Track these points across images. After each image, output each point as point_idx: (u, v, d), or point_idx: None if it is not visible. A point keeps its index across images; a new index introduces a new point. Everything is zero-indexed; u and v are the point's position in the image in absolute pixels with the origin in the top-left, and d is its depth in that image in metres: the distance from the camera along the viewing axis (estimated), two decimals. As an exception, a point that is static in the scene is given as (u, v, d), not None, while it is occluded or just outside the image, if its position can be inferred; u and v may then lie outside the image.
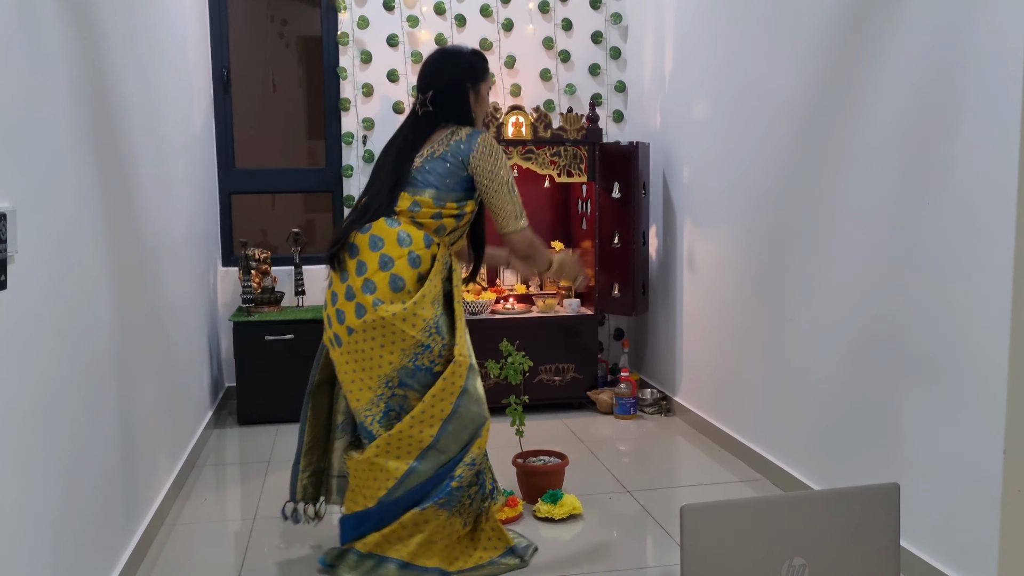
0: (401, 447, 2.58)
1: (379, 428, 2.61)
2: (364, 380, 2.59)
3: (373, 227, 2.60)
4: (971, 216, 2.38)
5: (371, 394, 2.60)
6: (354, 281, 2.58)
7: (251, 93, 5.15)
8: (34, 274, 1.97)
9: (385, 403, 2.61)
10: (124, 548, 2.66)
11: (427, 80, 2.74)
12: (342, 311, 2.59)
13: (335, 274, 2.64)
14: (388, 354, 2.56)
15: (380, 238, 2.59)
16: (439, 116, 2.72)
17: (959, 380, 2.44)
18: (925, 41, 2.55)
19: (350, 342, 2.57)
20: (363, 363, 2.58)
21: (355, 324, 2.55)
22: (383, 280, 2.56)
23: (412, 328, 2.54)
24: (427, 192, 2.62)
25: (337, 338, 2.61)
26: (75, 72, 2.33)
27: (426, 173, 2.63)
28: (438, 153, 2.65)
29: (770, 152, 3.46)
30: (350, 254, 2.62)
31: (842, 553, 1.37)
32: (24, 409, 1.90)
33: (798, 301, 3.27)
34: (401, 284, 2.57)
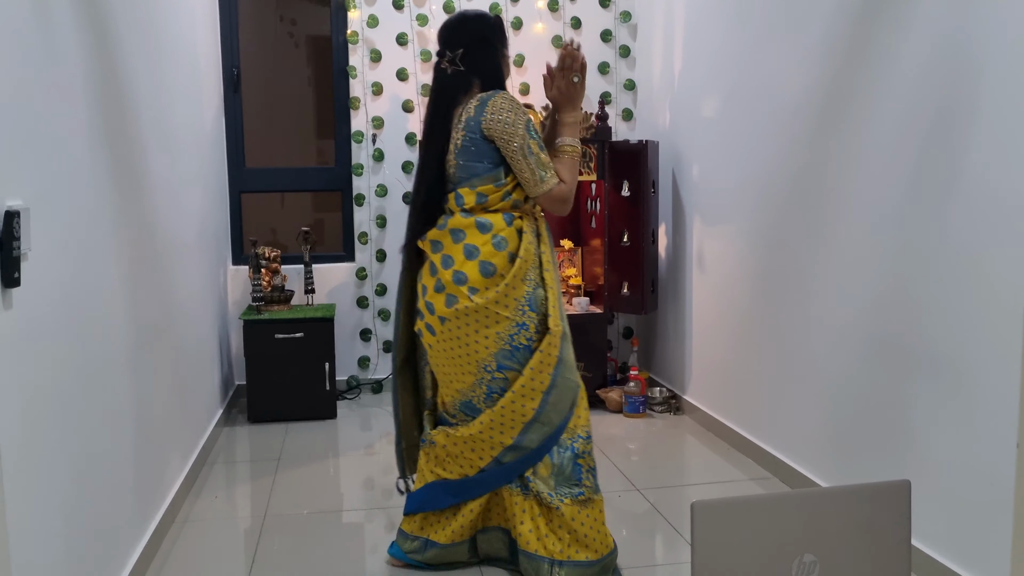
0: (505, 423, 2.58)
1: (484, 406, 2.62)
2: (462, 366, 2.61)
3: (449, 222, 2.60)
4: (981, 213, 2.37)
5: (472, 379, 2.61)
6: (443, 275, 2.58)
7: (261, 93, 5.16)
8: (47, 272, 1.98)
9: (487, 386, 2.61)
10: (136, 545, 2.68)
11: (455, 37, 2.66)
12: (431, 303, 2.60)
13: (424, 268, 2.67)
14: (483, 339, 2.56)
15: (460, 230, 2.59)
16: (470, 76, 2.63)
17: (970, 377, 2.43)
18: (934, 39, 2.54)
19: (444, 331, 2.59)
20: (459, 350, 2.59)
21: (447, 313, 2.57)
22: (473, 269, 2.56)
23: (506, 310, 2.55)
24: (481, 182, 2.58)
25: (430, 328, 2.63)
26: (88, 72, 2.34)
27: (464, 167, 2.59)
28: (460, 144, 2.59)
29: (779, 150, 3.45)
30: (433, 249, 2.63)
31: (853, 550, 1.37)
32: (37, 406, 1.92)
33: (807, 299, 3.26)
34: (492, 269, 2.56)
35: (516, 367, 2.58)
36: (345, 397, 4.78)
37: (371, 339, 4.90)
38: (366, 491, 3.55)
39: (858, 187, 2.93)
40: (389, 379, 2.87)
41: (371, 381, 4.90)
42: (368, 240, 4.83)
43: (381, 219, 4.82)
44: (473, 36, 2.65)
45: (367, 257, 4.85)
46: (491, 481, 2.64)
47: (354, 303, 4.87)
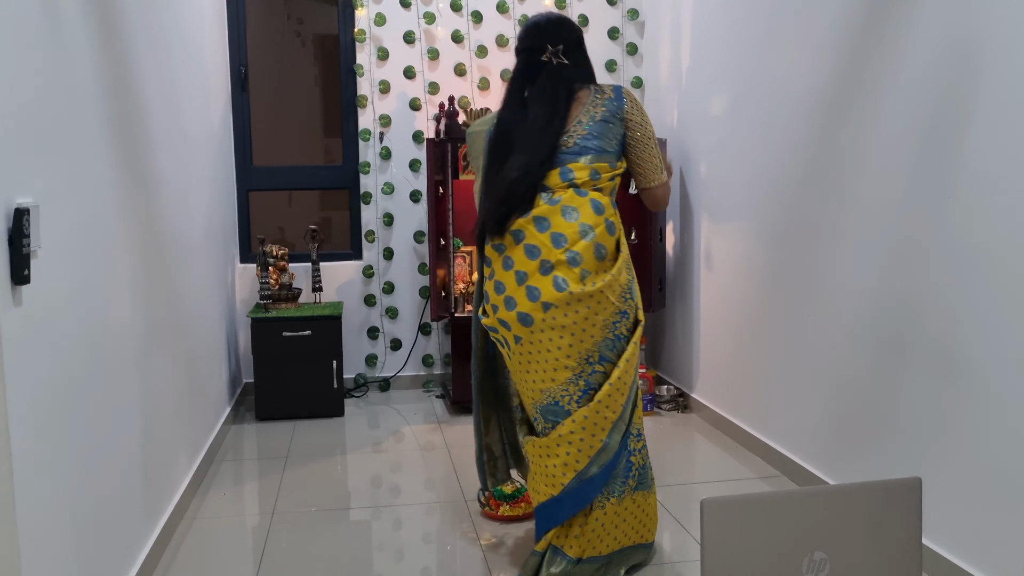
0: (598, 422, 2.47)
1: (576, 406, 2.49)
2: (561, 360, 2.47)
3: (564, 198, 2.49)
4: (989, 209, 2.36)
5: (569, 373, 2.48)
6: (551, 254, 2.44)
7: (268, 91, 5.17)
8: (56, 269, 1.98)
9: (584, 381, 2.49)
10: (144, 541, 2.68)
11: (555, 34, 2.64)
12: (535, 288, 2.44)
13: (513, 253, 2.50)
14: (591, 327, 2.45)
15: (574, 208, 2.48)
16: (573, 69, 2.62)
17: (980, 374, 2.42)
18: (941, 36, 2.53)
19: (546, 319, 2.44)
20: (559, 341, 2.45)
21: (555, 298, 2.42)
22: (587, 250, 2.46)
23: (614, 295, 2.47)
24: (603, 158, 2.53)
25: (524, 318, 2.46)
26: (97, 71, 2.35)
27: (594, 139, 2.53)
28: (599, 116, 2.55)
29: (787, 148, 3.44)
30: (538, 227, 2.47)
31: (864, 548, 1.36)
32: (46, 402, 1.92)
33: (815, 297, 3.25)
34: (604, 252, 2.50)
35: (613, 359, 2.51)
36: (352, 395, 4.79)
37: (379, 337, 4.90)
38: (374, 489, 3.55)
39: (866, 184, 2.92)
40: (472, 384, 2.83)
41: (378, 379, 4.90)
42: (375, 238, 4.83)
43: (388, 217, 4.82)
44: (571, 36, 2.67)
45: (374, 255, 4.86)
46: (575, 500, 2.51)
47: (361, 301, 4.87)
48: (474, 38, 4.80)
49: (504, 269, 2.52)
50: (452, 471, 3.63)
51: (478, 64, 4.82)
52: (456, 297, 4.44)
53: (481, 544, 2.94)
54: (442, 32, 4.78)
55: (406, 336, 4.93)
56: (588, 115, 2.56)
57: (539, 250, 2.46)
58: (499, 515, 3.09)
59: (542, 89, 2.60)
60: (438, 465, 3.73)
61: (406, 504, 3.36)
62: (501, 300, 2.52)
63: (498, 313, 2.53)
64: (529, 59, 2.65)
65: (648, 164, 2.62)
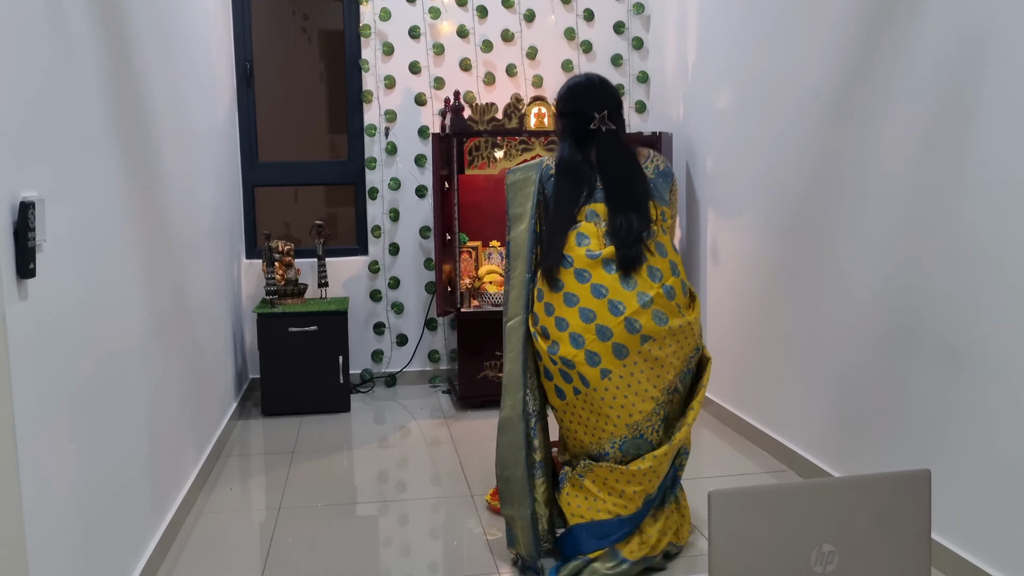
0: (674, 453, 2.61)
1: (657, 436, 2.59)
2: (649, 391, 2.53)
3: (656, 234, 2.61)
4: (997, 203, 2.35)
5: (653, 404, 2.55)
6: (649, 288, 2.51)
7: (274, 87, 5.17)
8: (62, 263, 1.98)
9: (664, 411, 2.60)
10: (151, 536, 2.69)
11: (599, 101, 2.70)
12: (633, 321, 2.48)
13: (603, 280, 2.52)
14: (676, 360, 2.56)
15: (662, 244, 2.61)
16: (621, 133, 2.72)
17: (988, 368, 2.41)
18: (949, 29, 2.52)
19: (643, 351, 2.49)
20: (649, 372, 2.51)
21: (655, 332, 2.49)
22: (678, 285, 2.58)
23: (697, 329, 2.62)
24: (664, 203, 2.69)
25: (620, 349, 2.49)
26: (102, 66, 2.34)
27: (657, 188, 2.68)
28: (661, 167, 2.72)
29: (793, 142, 3.43)
30: (607, 267, 2.54)
31: (872, 540, 1.35)
32: (53, 396, 1.92)
33: (822, 291, 3.24)
34: (686, 288, 2.64)
35: (681, 390, 2.64)
36: (358, 390, 4.79)
37: (385, 332, 4.90)
38: (380, 484, 3.55)
39: (873, 178, 2.90)
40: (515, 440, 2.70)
41: (384, 375, 4.90)
42: (381, 233, 4.83)
43: (394, 212, 4.82)
44: (613, 103, 2.73)
45: (380, 251, 4.85)
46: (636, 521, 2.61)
47: (367, 296, 4.87)
48: (479, 33, 4.79)
49: (595, 296, 2.52)
50: (458, 466, 3.63)
51: (483, 59, 4.82)
52: (462, 292, 4.43)
53: (487, 539, 2.94)
54: (447, 27, 4.77)
55: (412, 331, 4.93)
56: (653, 164, 2.72)
57: (635, 281, 2.52)
58: (505, 510, 3.09)
59: (610, 150, 2.68)
60: (444, 460, 3.73)
61: (412, 499, 3.36)
62: (592, 328, 2.50)
63: (585, 345, 2.51)
64: (576, 124, 2.72)
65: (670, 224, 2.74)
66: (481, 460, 3.67)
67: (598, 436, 2.59)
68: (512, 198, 2.79)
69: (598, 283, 2.52)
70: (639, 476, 2.55)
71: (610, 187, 2.63)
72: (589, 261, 2.54)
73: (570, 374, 2.55)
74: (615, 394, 2.52)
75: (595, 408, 2.56)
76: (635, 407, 2.53)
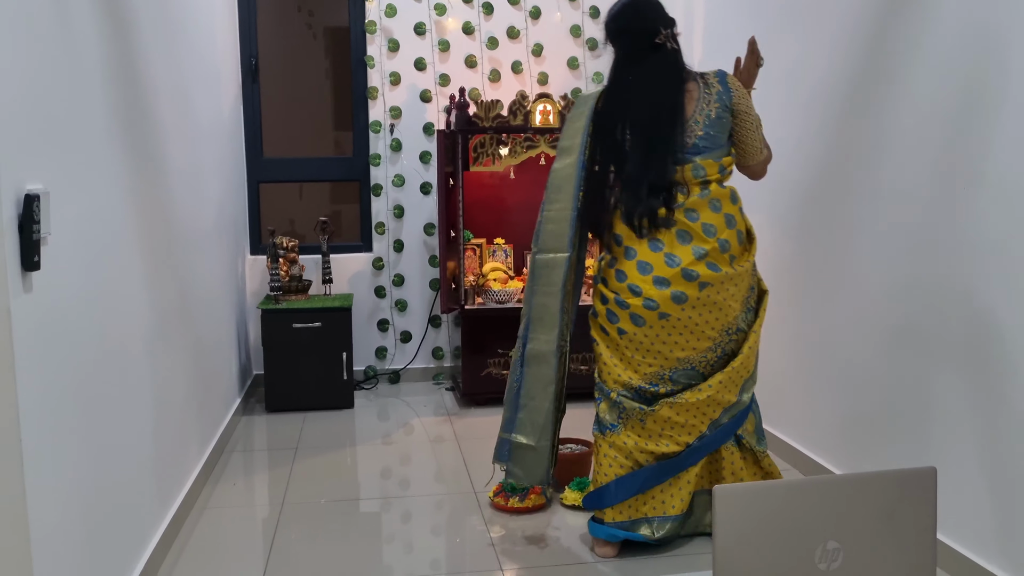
0: (734, 380, 2.69)
1: (711, 370, 2.69)
2: (706, 331, 2.64)
3: (712, 191, 2.64)
4: (1006, 201, 2.34)
5: (710, 343, 2.66)
6: (704, 242, 2.61)
7: (279, 83, 5.17)
8: (67, 256, 1.98)
9: (722, 349, 2.69)
10: (155, 530, 2.69)
11: (665, 16, 2.71)
12: (691, 270, 2.59)
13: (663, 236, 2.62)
14: (735, 302, 2.66)
15: (718, 200, 2.66)
16: (682, 57, 2.72)
17: (995, 367, 2.39)
18: (961, 24, 2.50)
19: (700, 297, 2.60)
20: (707, 315, 2.62)
21: (711, 278, 2.60)
22: (733, 237, 2.66)
23: (752, 273, 2.73)
24: (723, 151, 2.68)
25: (680, 296, 2.59)
26: (107, 60, 2.34)
27: (711, 139, 2.65)
28: (713, 113, 2.66)
29: (803, 138, 3.41)
30: (689, 218, 2.62)
31: (877, 537, 1.35)
32: (57, 390, 1.92)
33: (829, 288, 3.23)
34: (743, 237, 2.71)
35: (746, 328, 2.73)
36: (362, 387, 4.79)
37: (388, 329, 4.90)
38: (383, 481, 3.55)
39: (881, 175, 2.89)
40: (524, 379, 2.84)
41: (388, 371, 4.90)
42: (385, 230, 4.83)
43: (399, 209, 4.82)
44: (669, 19, 2.73)
45: (384, 247, 4.85)
46: (711, 444, 2.72)
47: (372, 293, 4.87)
48: (485, 30, 4.79)
49: (652, 251, 2.62)
50: (462, 463, 3.63)
51: (489, 56, 4.81)
52: (466, 289, 4.43)
53: (491, 536, 2.93)
54: (453, 23, 4.77)
55: (416, 328, 4.92)
56: (703, 113, 2.65)
57: (691, 236, 2.62)
58: (509, 507, 3.09)
59: (657, 77, 2.65)
60: (448, 457, 3.73)
61: (415, 496, 3.36)
62: (648, 280, 2.61)
63: (644, 294, 2.61)
64: (636, 42, 2.68)
65: (752, 146, 2.73)
66: (485, 457, 3.66)
67: (643, 371, 2.68)
68: (564, 129, 2.83)
69: (655, 238, 2.63)
70: (700, 406, 2.65)
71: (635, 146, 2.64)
72: None
73: (620, 315, 2.66)
74: (670, 332, 2.63)
75: (644, 346, 2.66)
76: (689, 344, 2.64)
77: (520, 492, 3.11)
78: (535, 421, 2.80)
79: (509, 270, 4.69)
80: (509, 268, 4.71)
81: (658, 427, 2.67)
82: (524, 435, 2.83)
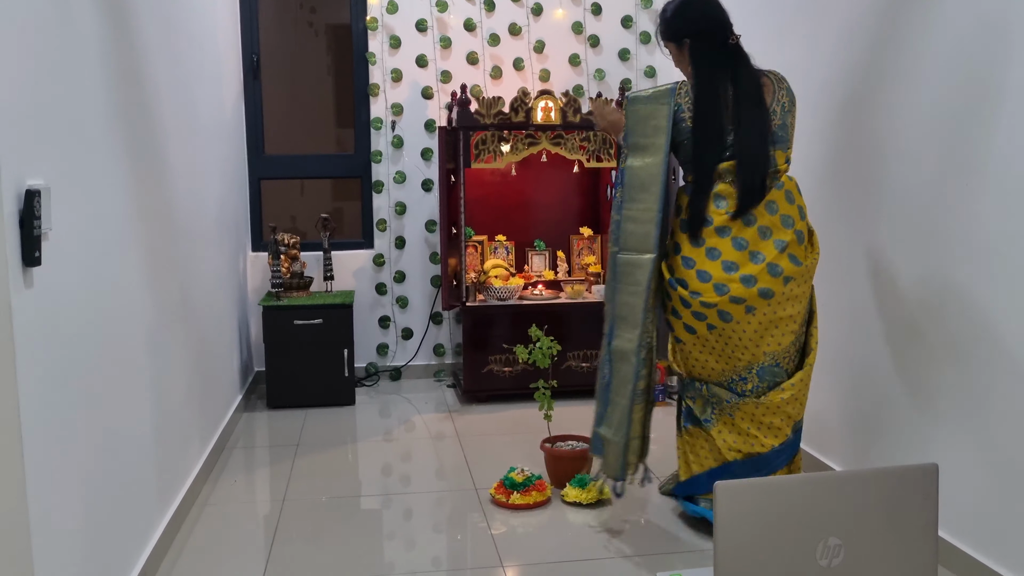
0: (810, 377, 2.76)
1: (793, 365, 2.75)
2: (791, 325, 2.68)
3: (786, 184, 2.67)
4: (1009, 199, 2.33)
5: (792, 336, 2.70)
6: (783, 234, 2.63)
7: (280, 80, 5.16)
8: (68, 252, 1.98)
9: (800, 341, 2.75)
10: (156, 527, 2.69)
11: (729, 16, 2.74)
12: (775, 265, 2.61)
13: (744, 234, 2.63)
14: (806, 296, 2.71)
15: (790, 190, 2.69)
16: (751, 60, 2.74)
17: (997, 366, 2.39)
18: (963, 24, 2.50)
19: (785, 291, 2.63)
20: (791, 309, 2.65)
21: (795, 272, 2.63)
22: (805, 228, 2.71)
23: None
24: (788, 146, 2.72)
25: (767, 292, 2.61)
26: (108, 56, 2.34)
27: (785, 128, 2.71)
28: (787, 106, 2.72)
29: (805, 136, 3.40)
30: (768, 211, 2.64)
31: (879, 534, 1.34)
32: (58, 386, 1.92)
33: (832, 285, 3.22)
34: (809, 227, 2.74)
35: (806, 324, 2.77)
36: (364, 384, 4.79)
37: (390, 326, 4.90)
38: (384, 477, 3.55)
39: (885, 173, 2.89)
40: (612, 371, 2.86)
41: (390, 368, 4.90)
42: (386, 227, 4.83)
43: (400, 206, 4.81)
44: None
45: (386, 244, 4.85)
46: (795, 444, 2.78)
47: (373, 290, 4.87)
48: (487, 26, 4.78)
49: (736, 249, 2.64)
50: (463, 460, 3.63)
51: (490, 52, 4.80)
52: (468, 286, 4.42)
53: (492, 533, 2.93)
54: (455, 20, 4.76)
55: (417, 325, 4.92)
56: (780, 104, 2.71)
57: (771, 231, 2.64)
58: (510, 503, 3.09)
59: (747, 78, 2.69)
60: (449, 454, 3.73)
61: (417, 492, 3.36)
62: (735, 278, 2.62)
63: (731, 291, 2.61)
64: (713, 42, 2.70)
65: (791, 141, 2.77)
66: (486, 454, 3.67)
67: (733, 364, 2.72)
68: (633, 126, 2.79)
69: (739, 236, 2.64)
70: (783, 406, 2.69)
71: (741, 141, 2.66)
72: (728, 219, 2.65)
73: (706, 313, 2.67)
74: (756, 328, 2.65)
75: (731, 341, 2.69)
76: (774, 339, 2.67)
77: (521, 488, 3.11)
78: (617, 417, 2.83)
79: (510, 267, 4.69)
80: (510, 265, 4.71)
81: (745, 424, 2.72)
82: (608, 429, 2.86)
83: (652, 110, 2.75)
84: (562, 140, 4.45)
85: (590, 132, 4.45)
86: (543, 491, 3.14)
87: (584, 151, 4.47)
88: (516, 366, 4.36)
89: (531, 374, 4.07)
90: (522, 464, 3.32)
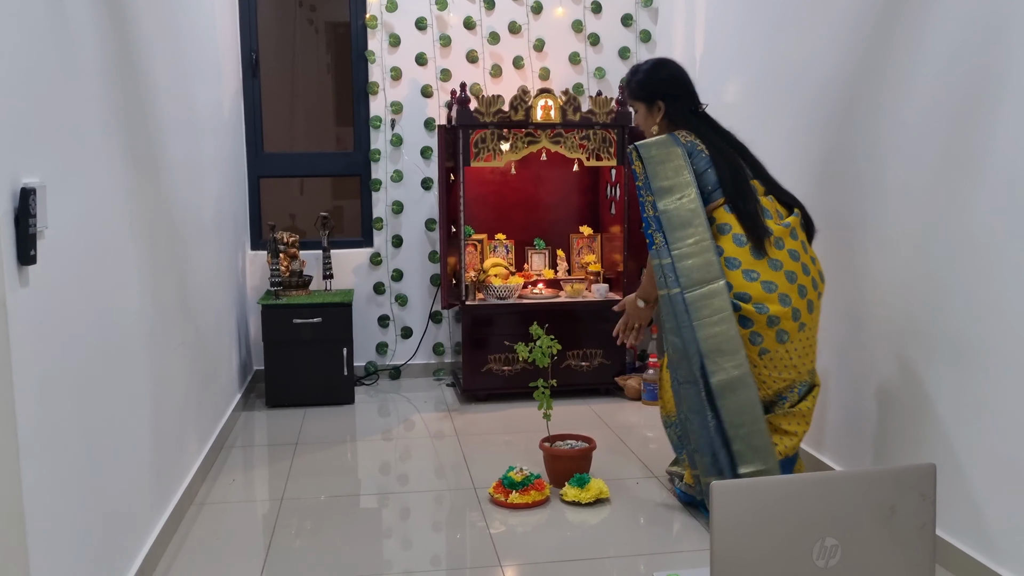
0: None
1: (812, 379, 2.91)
2: (817, 338, 2.87)
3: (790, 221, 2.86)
4: (1009, 199, 2.32)
5: (816, 352, 2.89)
6: (810, 253, 2.87)
7: (279, 78, 5.16)
8: (64, 250, 1.97)
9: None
10: (153, 526, 2.68)
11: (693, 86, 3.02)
12: (816, 280, 2.84)
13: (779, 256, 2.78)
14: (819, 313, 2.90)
15: (795, 229, 2.87)
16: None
17: (997, 365, 2.38)
18: (965, 20, 2.49)
19: (818, 307, 2.85)
20: (816, 325, 2.84)
21: (822, 290, 2.87)
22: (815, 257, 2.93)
23: None
24: None
25: (811, 305, 2.81)
26: (106, 53, 2.33)
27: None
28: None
29: (803, 135, 3.40)
30: (792, 236, 2.83)
31: (876, 534, 1.34)
32: (54, 385, 1.92)
33: (831, 285, 3.21)
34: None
35: None
36: (363, 383, 4.79)
37: (389, 325, 4.89)
38: (383, 476, 3.55)
39: (884, 172, 2.88)
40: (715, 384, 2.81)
41: (389, 367, 4.90)
42: (383, 225, 4.82)
43: (397, 205, 4.81)
44: None
45: (382, 242, 4.84)
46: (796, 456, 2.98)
47: (372, 289, 4.86)
48: (486, 25, 4.77)
49: (773, 269, 2.77)
50: (462, 459, 3.62)
51: (490, 51, 4.80)
52: (467, 285, 4.42)
53: (490, 532, 2.93)
54: (454, 18, 4.76)
55: (417, 324, 4.92)
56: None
57: (798, 254, 2.82)
58: (508, 502, 3.08)
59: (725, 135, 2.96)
60: (448, 453, 3.72)
61: (415, 492, 3.35)
62: (795, 288, 2.77)
63: (792, 303, 2.75)
64: (687, 105, 2.97)
65: None
66: (484, 453, 3.67)
67: (789, 382, 2.84)
68: (654, 171, 2.86)
69: (792, 248, 2.80)
70: (808, 415, 2.88)
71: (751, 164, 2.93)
72: (782, 230, 2.80)
73: (765, 334, 2.74)
74: (804, 344, 2.80)
75: (783, 361, 2.79)
76: (810, 355, 2.84)
77: (519, 487, 3.10)
78: (756, 445, 2.73)
79: (510, 266, 4.68)
80: (510, 264, 4.70)
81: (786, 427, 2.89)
82: (750, 465, 2.74)
83: (667, 152, 2.85)
84: (562, 138, 4.44)
85: (589, 131, 4.44)
86: (542, 490, 3.13)
87: (584, 149, 4.47)
88: (515, 365, 4.36)
89: (530, 373, 4.07)
90: (521, 463, 3.31)
